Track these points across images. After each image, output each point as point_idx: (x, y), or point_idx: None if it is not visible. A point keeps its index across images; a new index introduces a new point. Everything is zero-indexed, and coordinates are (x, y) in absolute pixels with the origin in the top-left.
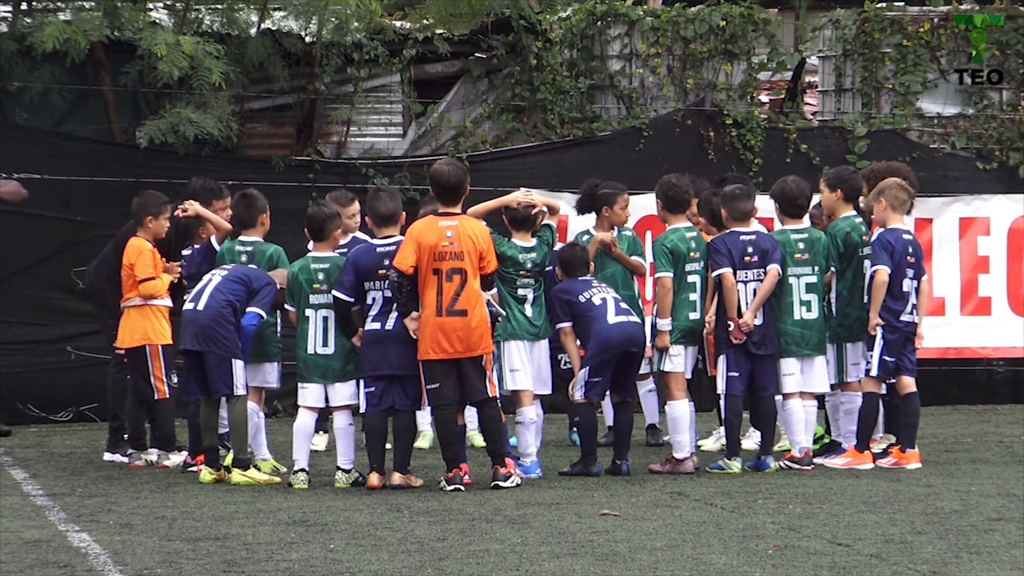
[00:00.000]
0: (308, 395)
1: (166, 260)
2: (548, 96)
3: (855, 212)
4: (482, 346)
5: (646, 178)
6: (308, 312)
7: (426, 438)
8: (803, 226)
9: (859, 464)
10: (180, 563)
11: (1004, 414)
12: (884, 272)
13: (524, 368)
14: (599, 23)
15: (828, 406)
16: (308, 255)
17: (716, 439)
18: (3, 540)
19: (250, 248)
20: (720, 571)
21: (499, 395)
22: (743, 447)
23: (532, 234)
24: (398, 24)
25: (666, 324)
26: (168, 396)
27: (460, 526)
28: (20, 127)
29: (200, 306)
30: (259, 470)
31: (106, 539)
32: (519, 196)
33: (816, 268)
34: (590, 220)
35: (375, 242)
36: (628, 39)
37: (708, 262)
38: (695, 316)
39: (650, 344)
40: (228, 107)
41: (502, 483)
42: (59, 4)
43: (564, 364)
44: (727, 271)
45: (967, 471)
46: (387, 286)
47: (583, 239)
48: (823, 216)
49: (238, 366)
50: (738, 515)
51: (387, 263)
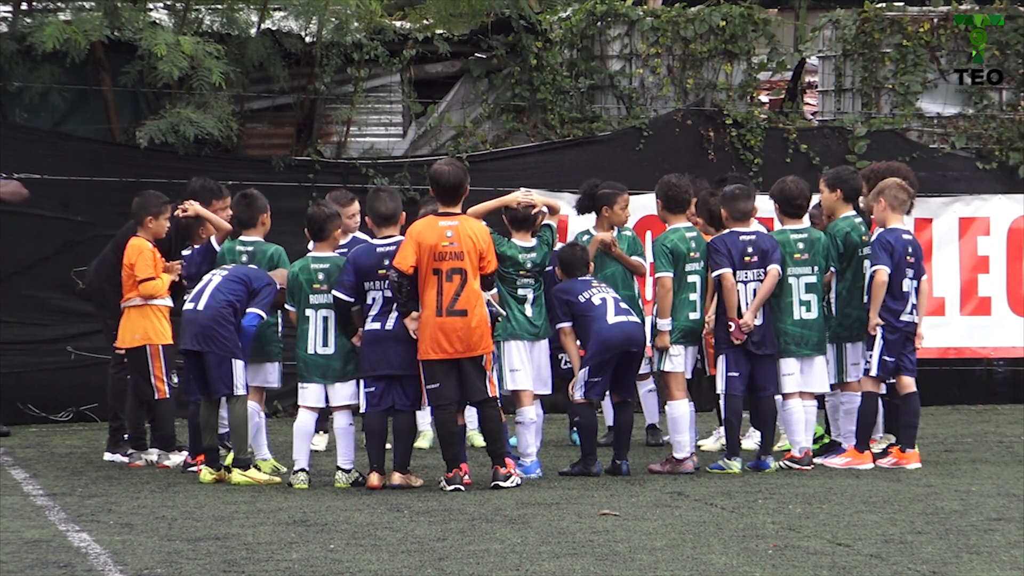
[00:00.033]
0: (308, 395)
1: (166, 260)
2: (548, 96)
3: (855, 212)
4: (482, 346)
5: (646, 178)
6: (308, 312)
7: (426, 438)
8: (803, 226)
9: (859, 464)
10: (180, 563)
11: (1004, 414)
12: (884, 272)
13: (524, 368)
14: (599, 23)
15: (828, 406)
16: (308, 255)
17: (716, 439)
18: (3, 540)
19: (250, 248)
20: (720, 571)
21: (499, 395)
22: (743, 447)
23: (532, 234)
24: (398, 24)
25: (666, 324)
26: (168, 396)
27: (460, 526)
28: (20, 127)
29: (200, 306)
30: (259, 470)
31: (106, 539)
32: (519, 196)
33: (816, 268)
34: (590, 220)
35: (375, 242)
36: (628, 39)
37: (708, 262)
38: (695, 316)
39: (650, 344)
40: (228, 107)
41: (502, 483)
42: (59, 4)
43: (564, 364)
44: (727, 271)
45: (967, 471)
46: (387, 286)
47: (583, 239)
48: (823, 216)
49: (238, 366)
50: (738, 515)
51: (387, 263)
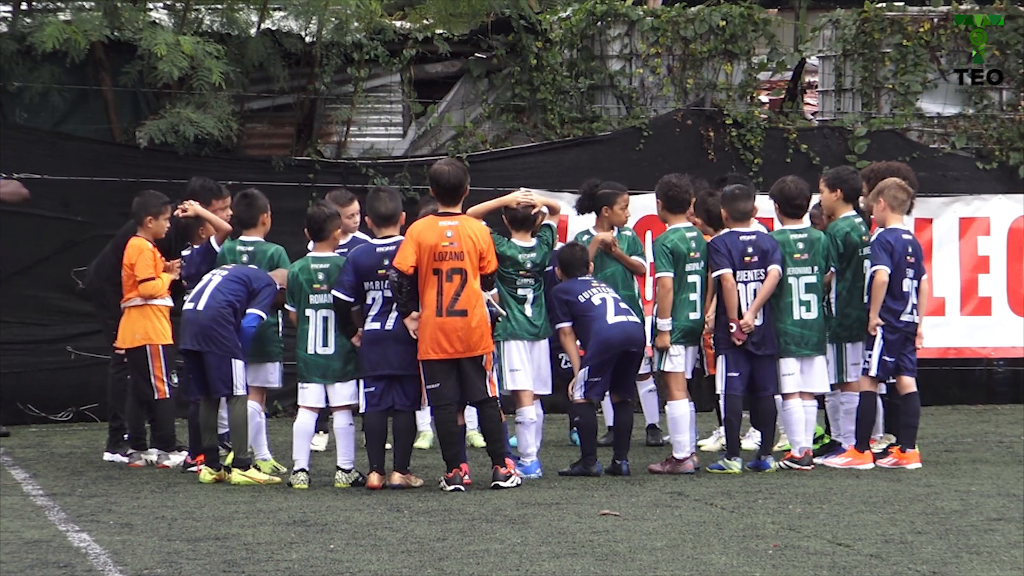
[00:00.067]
0: (308, 395)
1: (166, 260)
2: (548, 96)
3: (855, 212)
4: (482, 346)
5: (646, 178)
6: (308, 312)
7: (426, 438)
8: (802, 226)
9: (859, 464)
10: (180, 563)
11: (1004, 414)
12: (884, 272)
13: (524, 368)
14: (599, 23)
15: (828, 406)
16: (308, 255)
17: (716, 439)
18: (3, 540)
19: (251, 248)
20: (720, 571)
21: (499, 395)
22: (743, 447)
23: (532, 234)
24: (398, 24)
25: (666, 324)
26: (168, 396)
27: (460, 526)
28: (20, 127)
29: (200, 306)
30: (259, 470)
31: (106, 539)
32: (519, 196)
33: (815, 268)
34: (590, 220)
35: (375, 242)
36: (628, 39)
37: (708, 262)
38: (695, 316)
39: (650, 344)
40: (228, 107)
41: (502, 483)
42: (59, 4)
43: (564, 364)
44: (727, 272)
45: (967, 471)
46: (387, 286)
47: (583, 239)
48: (823, 216)
49: (238, 366)
50: (738, 515)
51: (387, 263)
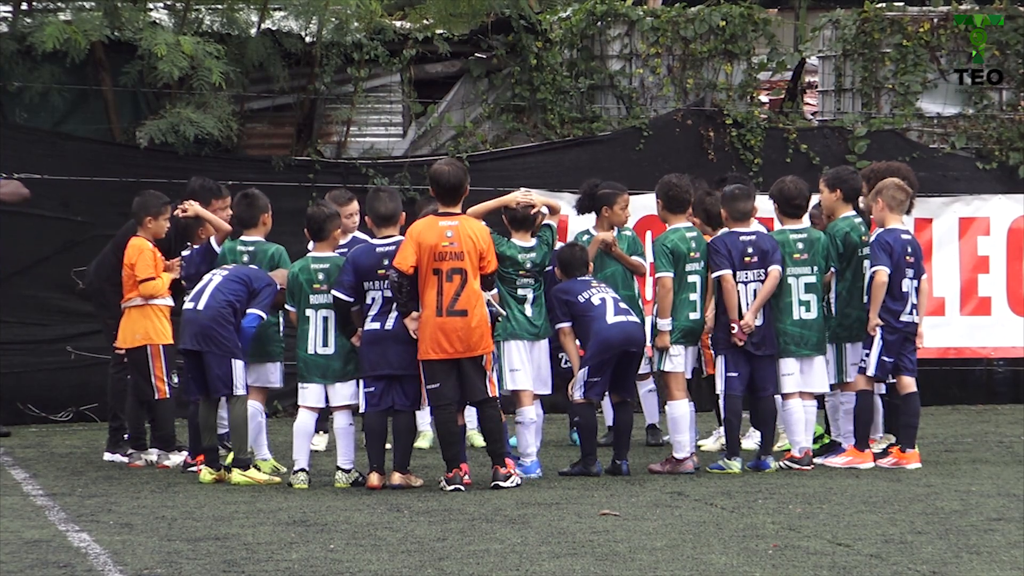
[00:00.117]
0: (308, 395)
1: (165, 259)
2: (548, 96)
3: (855, 212)
4: (482, 346)
5: (646, 178)
6: (308, 312)
7: (426, 438)
8: (802, 226)
9: (860, 463)
10: (180, 563)
11: (1004, 414)
12: (884, 273)
13: (524, 368)
14: (599, 23)
15: (828, 406)
16: (308, 255)
17: (716, 439)
18: (3, 540)
19: (251, 248)
20: (720, 571)
21: (499, 395)
22: (743, 447)
23: (532, 234)
24: (398, 24)
25: (666, 324)
26: (168, 396)
27: (460, 526)
28: (20, 127)
29: (200, 306)
30: (259, 470)
31: (106, 539)
32: (518, 196)
33: (815, 268)
34: (590, 220)
35: (375, 242)
36: (628, 39)
37: (708, 262)
38: (695, 316)
39: (650, 344)
40: (228, 107)
41: (502, 483)
42: (59, 4)
43: (564, 364)
44: (727, 272)
45: (967, 471)
46: (387, 286)
47: (583, 239)
48: (823, 216)
49: (238, 366)
50: (738, 515)
51: (387, 263)
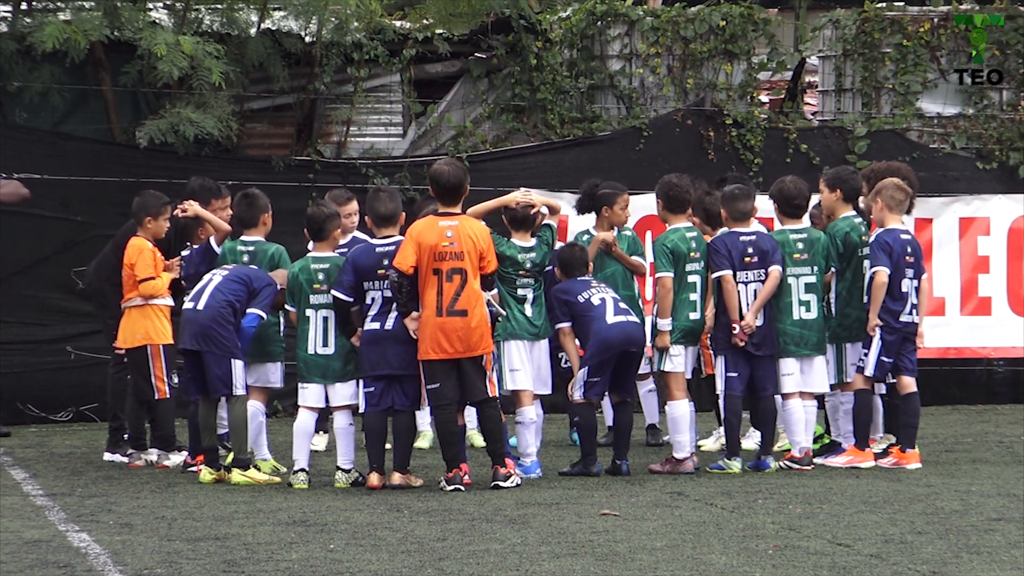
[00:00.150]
0: (308, 395)
1: (165, 259)
2: (548, 96)
3: (855, 212)
4: (482, 346)
5: (646, 178)
6: (308, 312)
7: (426, 438)
8: (802, 226)
9: (861, 462)
10: (180, 563)
11: (1004, 414)
12: (884, 273)
13: (524, 368)
14: (599, 23)
15: (828, 406)
16: (308, 255)
17: (716, 439)
18: (3, 540)
19: (251, 248)
20: (720, 571)
21: (499, 395)
22: (743, 447)
23: (532, 234)
24: (398, 24)
25: (666, 324)
26: (168, 396)
27: (460, 526)
28: (20, 127)
29: (200, 306)
30: (259, 470)
31: (106, 539)
32: (518, 196)
33: (815, 268)
34: (590, 220)
35: (374, 242)
36: (628, 39)
37: (708, 262)
38: (695, 316)
39: (650, 344)
40: (228, 107)
41: (502, 483)
42: (59, 4)
43: (564, 364)
44: (727, 273)
45: (967, 471)
46: (386, 286)
47: (583, 239)
48: (823, 216)
49: (237, 366)
50: (738, 515)
51: (386, 263)
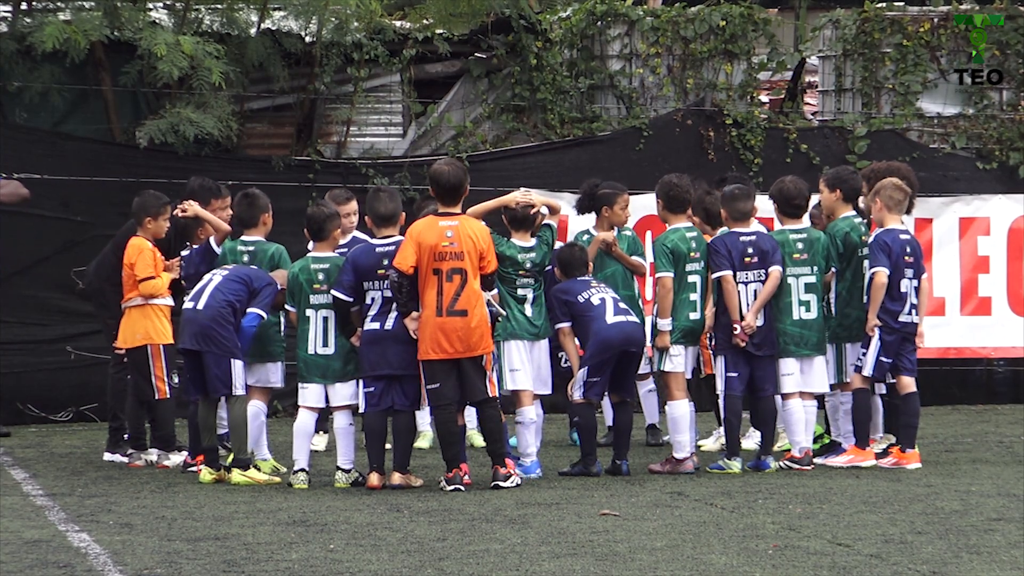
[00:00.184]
0: (308, 395)
1: (165, 259)
2: (548, 96)
3: (855, 212)
4: (482, 346)
5: (646, 178)
6: (308, 312)
7: (426, 438)
8: (802, 226)
9: (861, 461)
10: (180, 563)
11: (1004, 414)
12: (883, 274)
13: (524, 368)
14: (599, 23)
15: (828, 406)
16: (308, 255)
17: (716, 439)
18: (3, 540)
19: (252, 248)
20: (720, 571)
21: (499, 395)
22: (743, 447)
23: (532, 234)
24: (398, 24)
25: (666, 324)
26: (168, 396)
27: (460, 526)
28: (20, 127)
29: (200, 305)
30: (259, 470)
31: (106, 539)
32: (518, 196)
33: (815, 268)
34: (590, 220)
35: (374, 242)
36: (628, 39)
37: (708, 262)
38: (695, 316)
39: (650, 344)
40: (228, 107)
41: (502, 483)
42: (59, 4)
43: (564, 364)
44: (727, 273)
45: (967, 471)
46: (386, 286)
47: (583, 239)
48: (823, 216)
49: (237, 366)
50: (738, 515)
51: (386, 263)
